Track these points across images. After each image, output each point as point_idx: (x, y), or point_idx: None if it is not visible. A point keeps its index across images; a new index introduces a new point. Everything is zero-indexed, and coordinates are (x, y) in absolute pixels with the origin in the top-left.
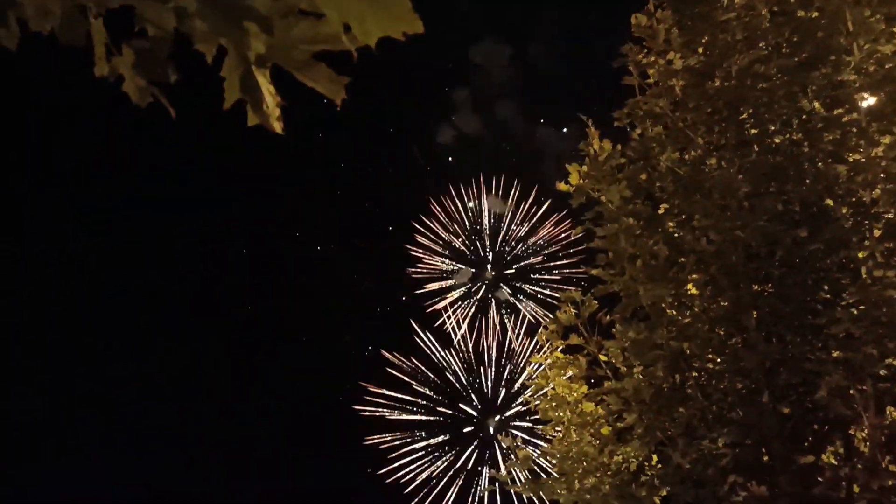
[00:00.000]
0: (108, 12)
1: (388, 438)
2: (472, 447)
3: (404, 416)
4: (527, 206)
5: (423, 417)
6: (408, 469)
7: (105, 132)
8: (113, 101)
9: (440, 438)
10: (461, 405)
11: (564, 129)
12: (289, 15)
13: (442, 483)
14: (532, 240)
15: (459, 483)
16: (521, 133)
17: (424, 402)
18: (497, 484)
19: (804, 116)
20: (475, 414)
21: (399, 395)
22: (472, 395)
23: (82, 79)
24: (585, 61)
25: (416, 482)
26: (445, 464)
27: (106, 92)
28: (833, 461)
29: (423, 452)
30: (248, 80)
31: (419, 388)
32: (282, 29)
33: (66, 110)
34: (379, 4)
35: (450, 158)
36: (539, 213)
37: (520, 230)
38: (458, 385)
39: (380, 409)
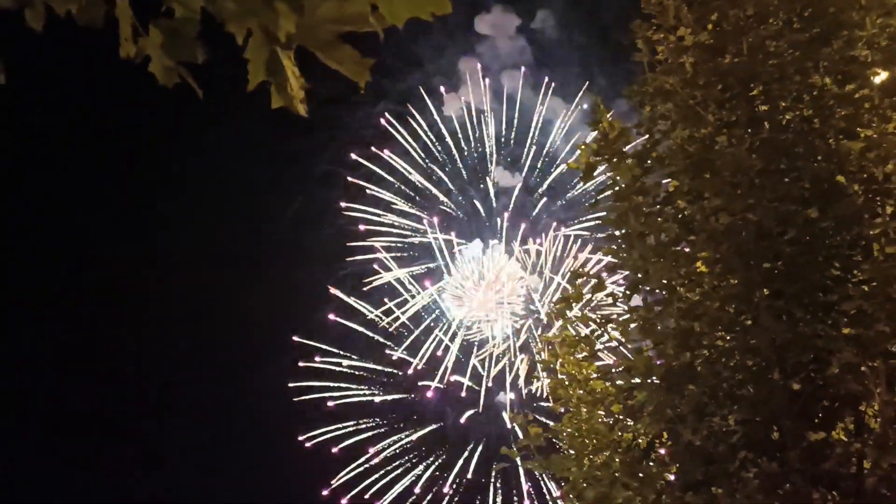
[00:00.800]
0: None
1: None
2: (472, 446)
3: (360, 396)
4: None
5: (393, 396)
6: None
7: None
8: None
9: (420, 433)
10: (457, 377)
11: (584, 103)
12: None
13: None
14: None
15: None
16: (530, 104)
17: (397, 374)
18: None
19: (815, 93)
20: (475, 387)
21: (357, 363)
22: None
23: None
24: (596, 32)
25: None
26: (428, 475)
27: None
28: (843, 437)
29: (392, 454)
30: (274, 62)
31: (396, 352)
32: (308, 9)
33: None
34: None
35: (457, 130)
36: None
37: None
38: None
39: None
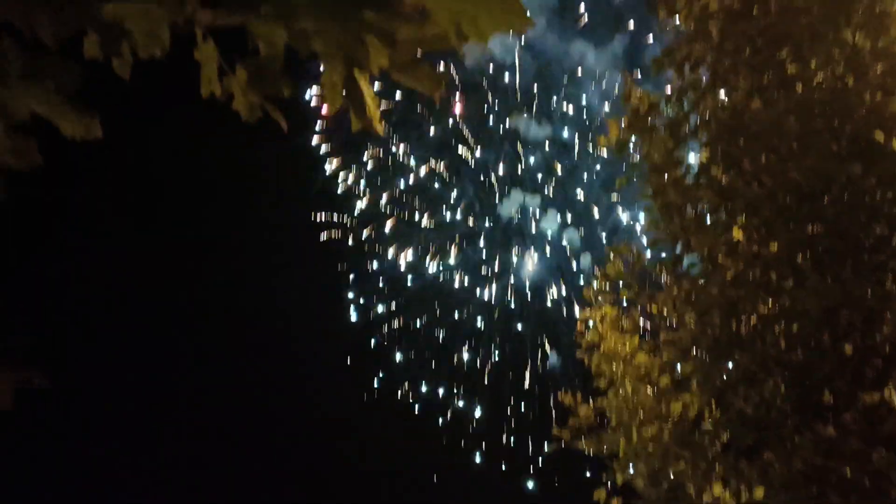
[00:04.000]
0: (215, 32)
1: None
2: None
3: None
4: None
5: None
6: None
7: None
8: None
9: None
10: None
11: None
12: (395, 19)
13: None
14: None
15: None
16: (556, 51)
17: None
18: None
19: (849, 51)
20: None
21: None
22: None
23: None
24: None
25: None
26: None
27: None
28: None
29: None
30: (352, 86)
31: None
32: None
33: None
34: (490, 2)
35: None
36: None
37: None
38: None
39: None
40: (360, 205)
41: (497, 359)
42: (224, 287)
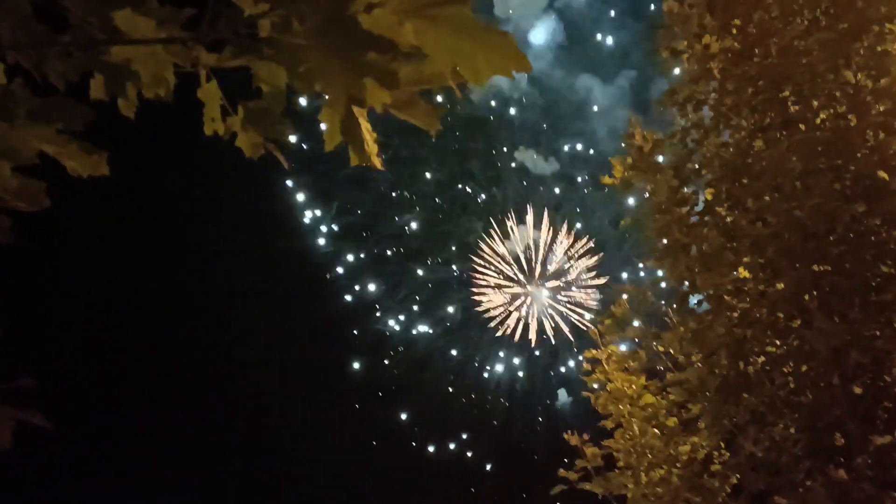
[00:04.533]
0: (217, 73)
1: None
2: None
3: None
4: None
5: None
6: None
7: None
8: None
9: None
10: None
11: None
12: (395, 60)
13: None
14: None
15: None
16: (561, 87)
17: None
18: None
19: (850, 90)
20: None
21: None
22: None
23: None
24: (628, 7)
25: None
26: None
27: None
28: None
29: None
30: (350, 123)
31: None
32: None
33: None
34: (487, 45)
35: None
36: None
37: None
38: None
39: None
40: (357, 250)
41: (507, 404)
42: (219, 340)
